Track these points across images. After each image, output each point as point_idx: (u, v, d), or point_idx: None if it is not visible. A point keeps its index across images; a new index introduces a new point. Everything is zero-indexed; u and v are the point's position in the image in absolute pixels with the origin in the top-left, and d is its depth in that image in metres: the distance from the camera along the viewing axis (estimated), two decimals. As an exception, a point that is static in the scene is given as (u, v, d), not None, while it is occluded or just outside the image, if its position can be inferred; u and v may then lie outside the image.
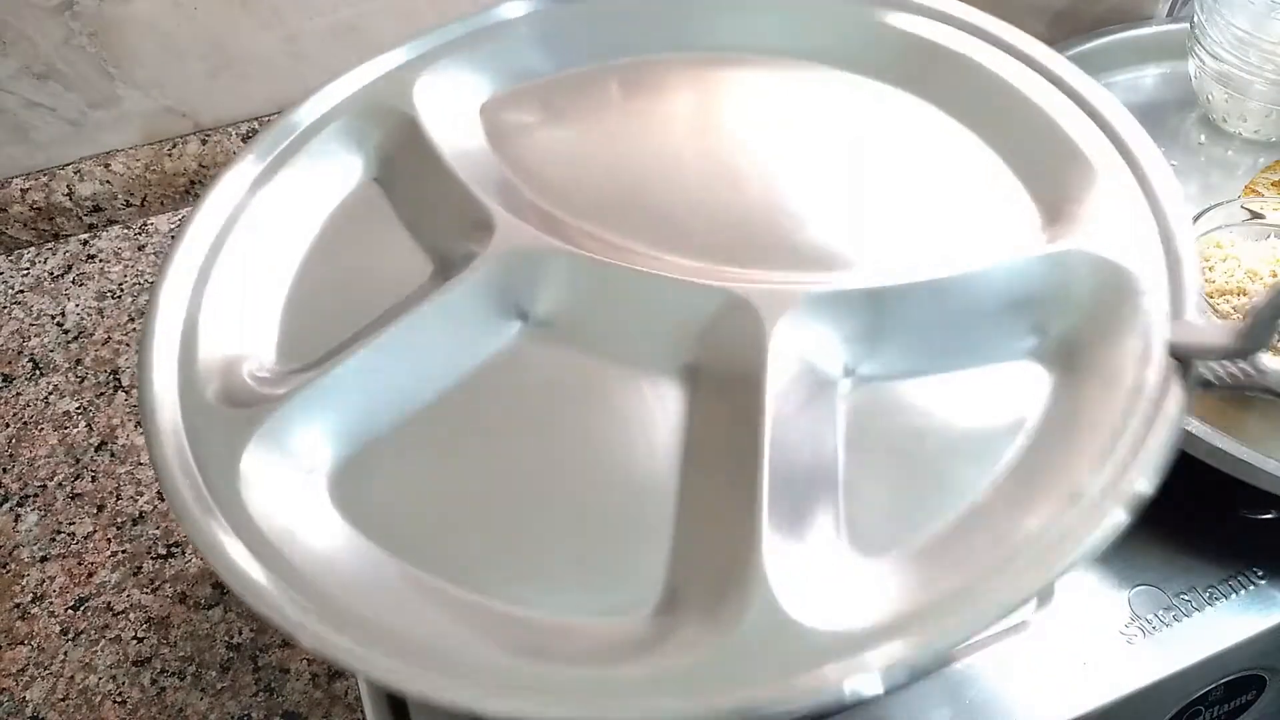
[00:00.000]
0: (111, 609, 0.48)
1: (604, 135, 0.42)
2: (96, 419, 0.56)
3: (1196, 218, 0.47)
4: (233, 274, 0.37)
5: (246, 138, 0.70)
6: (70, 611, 0.48)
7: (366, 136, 0.41)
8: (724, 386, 0.33)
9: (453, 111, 0.42)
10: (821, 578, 0.28)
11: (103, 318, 0.62)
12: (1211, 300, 0.45)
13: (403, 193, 0.41)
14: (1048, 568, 0.27)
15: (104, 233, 0.67)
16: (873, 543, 0.29)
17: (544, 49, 0.44)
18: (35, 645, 0.47)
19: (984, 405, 0.32)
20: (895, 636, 0.26)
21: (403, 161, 0.41)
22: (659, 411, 0.33)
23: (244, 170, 0.40)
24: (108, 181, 0.68)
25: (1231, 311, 0.44)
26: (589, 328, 0.35)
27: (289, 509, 0.31)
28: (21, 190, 0.66)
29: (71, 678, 0.46)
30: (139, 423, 0.56)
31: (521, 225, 0.36)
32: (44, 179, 0.67)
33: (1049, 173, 0.37)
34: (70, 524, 0.52)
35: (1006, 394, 0.32)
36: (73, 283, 0.64)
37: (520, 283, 0.35)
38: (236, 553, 0.29)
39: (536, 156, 0.41)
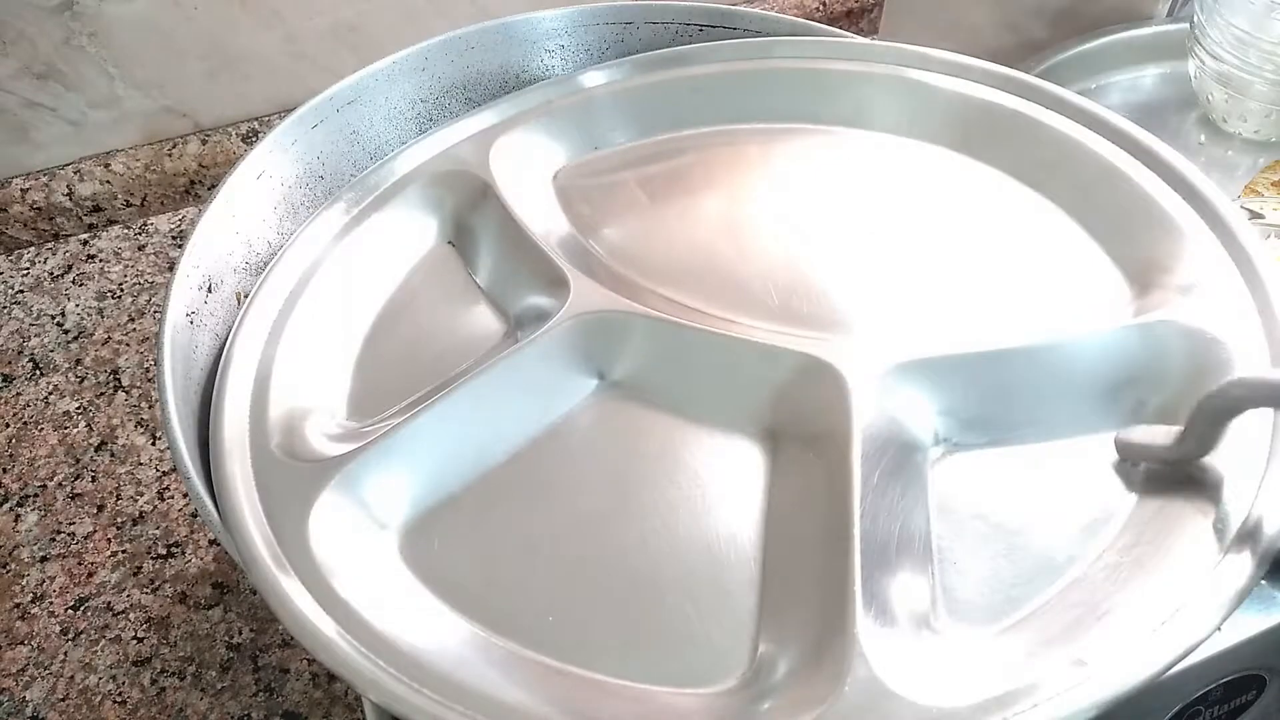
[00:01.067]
0: (111, 609, 0.48)
1: (678, 202, 0.42)
2: (96, 419, 0.56)
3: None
4: (306, 329, 0.38)
5: (246, 138, 0.70)
6: (70, 611, 0.48)
7: (442, 200, 0.42)
8: (806, 451, 0.32)
9: (527, 177, 0.42)
10: (919, 649, 0.27)
11: (103, 318, 0.62)
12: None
13: (476, 255, 0.41)
14: (1158, 649, 0.25)
15: (104, 233, 0.67)
16: (971, 614, 0.28)
17: (618, 118, 0.45)
18: (35, 645, 0.47)
19: (1083, 476, 0.31)
20: (1002, 713, 0.25)
21: (477, 224, 0.41)
22: (738, 474, 0.33)
23: (320, 229, 0.41)
24: (108, 181, 0.68)
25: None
26: (665, 389, 0.35)
27: (359, 564, 0.30)
28: (21, 190, 0.66)
29: (71, 678, 0.46)
30: (139, 422, 0.56)
31: (596, 287, 0.36)
32: (44, 179, 0.67)
33: (1134, 240, 0.36)
34: (70, 524, 0.52)
35: (1106, 465, 0.31)
36: (73, 283, 0.64)
37: (595, 344, 0.35)
38: (306, 606, 0.28)
39: (610, 222, 0.41)
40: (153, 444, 0.55)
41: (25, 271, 0.65)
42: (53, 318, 0.62)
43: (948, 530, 0.30)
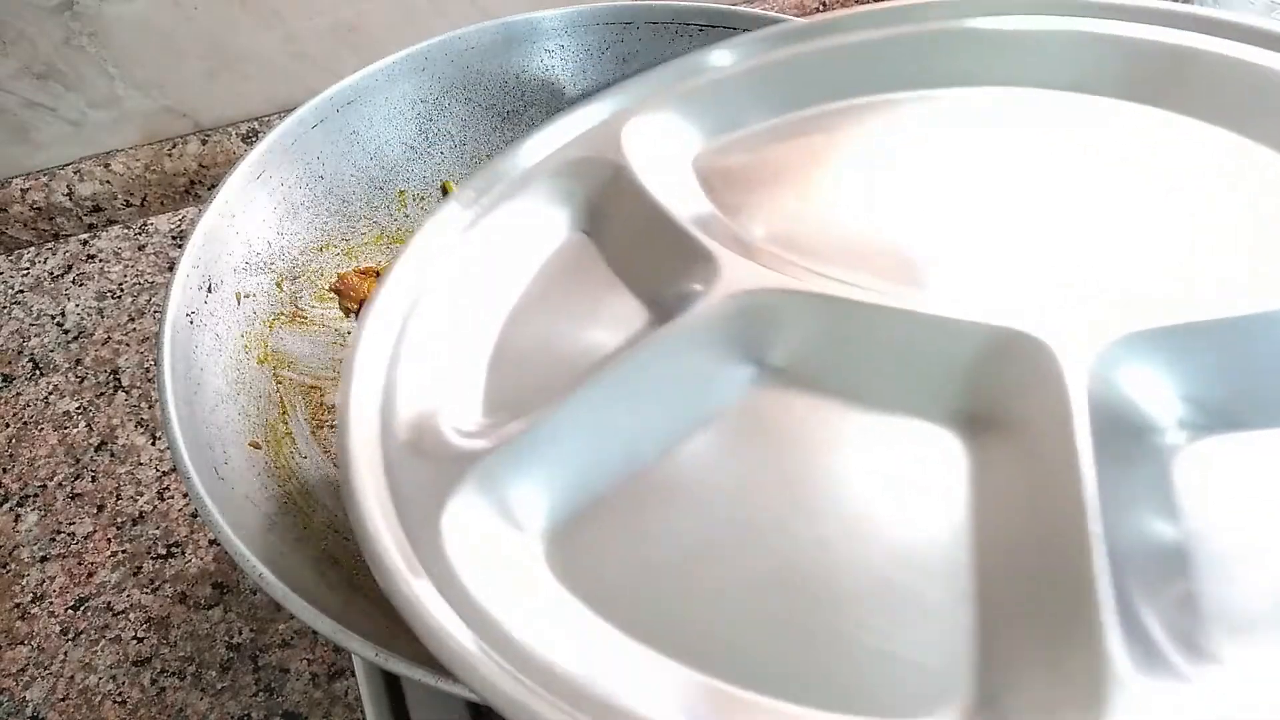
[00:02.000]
0: (111, 609, 0.48)
1: (831, 177, 0.36)
2: (96, 419, 0.56)
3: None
4: (436, 326, 0.35)
5: (246, 138, 0.70)
6: (70, 611, 0.48)
7: (573, 188, 0.39)
8: (1014, 440, 0.27)
9: (662, 158, 0.39)
10: (1187, 677, 0.23)
11: (103, 318, 0.62)
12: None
13: (614, 243, 0.38)
14: None
15: (104, 233, 0.67)
16: (1249, 634, 0.23)
17: (757, 95, 0.41)
18: (35, 645, 0.47)
19: None
20: None
21: (613, 211, 0.38)
22: (932, 469, 0.28)
23: (446, 221, 0.38)
24: (108, 181, 0.68)
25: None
26: (836, 374, 0.30)
27: (498, 569, 0.28)
28: (21, 190, 0.66)
29: (71, 678, 0.46)
30: (139, 422, 0.56)
31: (749, 264, 0.32)
32: (44, 179, 0.67)
33: None
34: (70, 524, 0.52)
35: None
36: (73, 283, 0.64)
37: (752, 325, 0.31)
38: (444, 616, 0.26)
39: (758, 201, 0.36)
40: (153, 444, 0.55)
41: (25, 271, 0.65)
42: (53, 318, 0.62)
43: (1203, 530, 0.25)
